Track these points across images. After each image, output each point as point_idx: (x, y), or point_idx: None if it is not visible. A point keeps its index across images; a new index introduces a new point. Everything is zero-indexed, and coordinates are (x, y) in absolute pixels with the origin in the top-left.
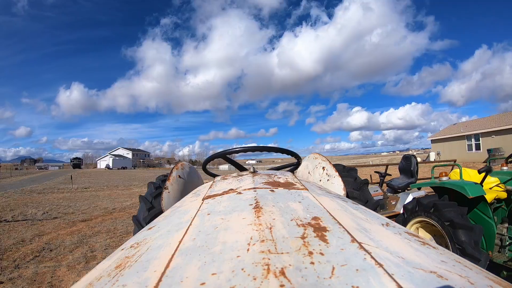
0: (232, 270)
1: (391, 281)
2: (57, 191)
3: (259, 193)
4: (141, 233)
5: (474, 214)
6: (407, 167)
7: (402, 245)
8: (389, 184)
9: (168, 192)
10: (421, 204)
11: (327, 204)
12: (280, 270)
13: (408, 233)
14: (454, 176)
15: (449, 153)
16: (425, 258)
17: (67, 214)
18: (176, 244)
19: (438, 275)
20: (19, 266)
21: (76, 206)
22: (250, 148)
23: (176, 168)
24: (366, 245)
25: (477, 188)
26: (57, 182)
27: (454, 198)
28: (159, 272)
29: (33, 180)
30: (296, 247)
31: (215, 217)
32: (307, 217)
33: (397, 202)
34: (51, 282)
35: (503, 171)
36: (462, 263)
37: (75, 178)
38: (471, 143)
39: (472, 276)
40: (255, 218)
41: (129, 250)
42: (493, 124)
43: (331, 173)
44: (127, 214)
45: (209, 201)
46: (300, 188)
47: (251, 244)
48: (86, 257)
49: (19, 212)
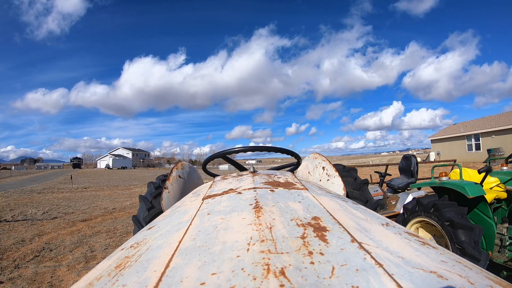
0: (232, 270)
1: (391, 281)
2: (57, 191)
3: (259, 193)
4: (141, 233)
5: (474, 214)
6: (407, 167)
7: (402, 245)
8: (389, 184)
9: (168, 192)
10: (421, 204)
11: (327, 204)
12: (280, 270)
13: (408, 233)
14: (454, 176)
15: (449, 153)
16: (425, 258)
17: (67, 214)
18: (176, 244)
19: (438, 275)
20: (19, 266)
21: (76, 206)
22: (250, 148)
23: (176, 168)
24: (366, 245)
25: (477, 188)
26: (57, 182)
27: (454, 198)
28: (159, 272)
29: (33, 180)
30: (296, 247)
31: (215, 217)
32: (307, 217)
33: (397, 202)
34: (51, 282)
35: (503, 171)
36: (462, 263)
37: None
38: (471, 143)
39: (472, 276)
40: (255, 218)
41: (129, 250)
42: (493, 124)
43: (331, 173)
44: (127, 214)
45: (209, 201)
46: (300, 188)
47: (251, 244)
48: (86, 257)
49: (19, 212)
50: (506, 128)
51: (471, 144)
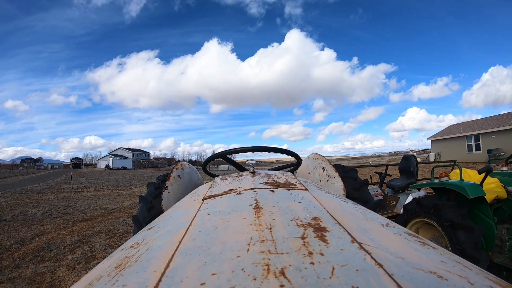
0: (232, 270)
1: (391, 281)
2: (57, 191)
3: (259, 193)
4: (141, 233)
5: (474, 214)
6: (407, 167)
7: (402, 245)
8: (389, 185)
9: (168, 192)
10: (421, 205)
11: (327, 204)
12: (280, 271)
13: (408, 233)
14: (454, 176)
15: (449, 153)
16: (425, 259)
17: (67, 214)
18: (176, 244)
19: (438, 275)
20: (19, 266)
21: (76, 206)
22: (250, 149)
23: (176, 168)
24: (366, 246)
25: (477, 188)
26: (57, 182)
27: (454, 199)
28: (159, 272)
29: (33, 180)
30: (296, 247)
31: (215, 217)
32: (307, 217)
33: (397, 203)
34: (51, 282)
35: (503, 171)
36: (462, 264)
37: (75, 178)
38: (471, 143)
39: (472, 277)
40: (255, 219)
41: (129, 250)
42: (493, 124)
43: (331, 173)
44: (127, 214)
45: (209, 201)
46: (300, 189)
47: (251, 244)
48: (86, 257)
49: (19, 212)
50: (506, 128)
51: (471, 144)
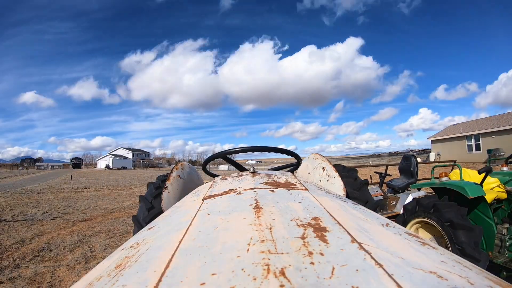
0: (232, 270)
1: (391, 281)
2: (57, 191)
3: (259, 193)
4: (141, 233)
5: (474, 214)
6: (407, 167)
7: (402, 245)
8: (389, 185)
9: (168, 192)
10: (421, 205)
11: (327, 204)
12: (280, 270)
13: (408, 233)
14: (454, 176)
15: (449, 153)
16: (425, 259)
17: (67, 214)
18: (176, 244)
19: (438, 275)
20: (19, 266)
21: (76, 206)
22: (250, 148)
23: (176, 168)
24: (366, 245)
25: (477, 188)
26: (57, 182)
27: (454, 199)
28: (159, 272)
29: (33, 180)
30: (296, 247)
31: (215, 217)
32: (307, 217)
33: (397, 203)
34: (50, 282)
35: (503, 171)
36: (462, 264)
37: (75, 178)
38: (471, 143)
39: (472, 277)
40: (255, 218)
41: (129, 250)
42: (493, 124)
43: (331, 173)
44: (127, 214)
45: (209, 201)
46: (300, 188)
47: (251, 244)
48: (86, 257)
49: (19, 212)
50: (506, 128)
51: (471, 144)
